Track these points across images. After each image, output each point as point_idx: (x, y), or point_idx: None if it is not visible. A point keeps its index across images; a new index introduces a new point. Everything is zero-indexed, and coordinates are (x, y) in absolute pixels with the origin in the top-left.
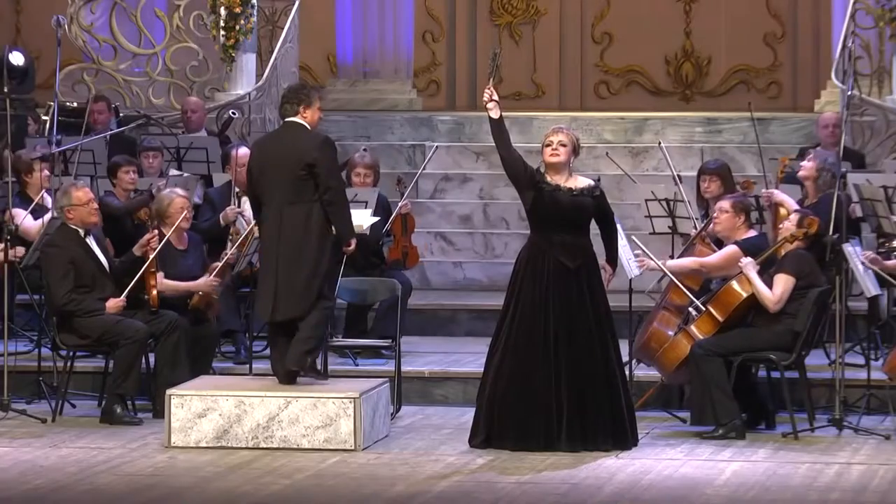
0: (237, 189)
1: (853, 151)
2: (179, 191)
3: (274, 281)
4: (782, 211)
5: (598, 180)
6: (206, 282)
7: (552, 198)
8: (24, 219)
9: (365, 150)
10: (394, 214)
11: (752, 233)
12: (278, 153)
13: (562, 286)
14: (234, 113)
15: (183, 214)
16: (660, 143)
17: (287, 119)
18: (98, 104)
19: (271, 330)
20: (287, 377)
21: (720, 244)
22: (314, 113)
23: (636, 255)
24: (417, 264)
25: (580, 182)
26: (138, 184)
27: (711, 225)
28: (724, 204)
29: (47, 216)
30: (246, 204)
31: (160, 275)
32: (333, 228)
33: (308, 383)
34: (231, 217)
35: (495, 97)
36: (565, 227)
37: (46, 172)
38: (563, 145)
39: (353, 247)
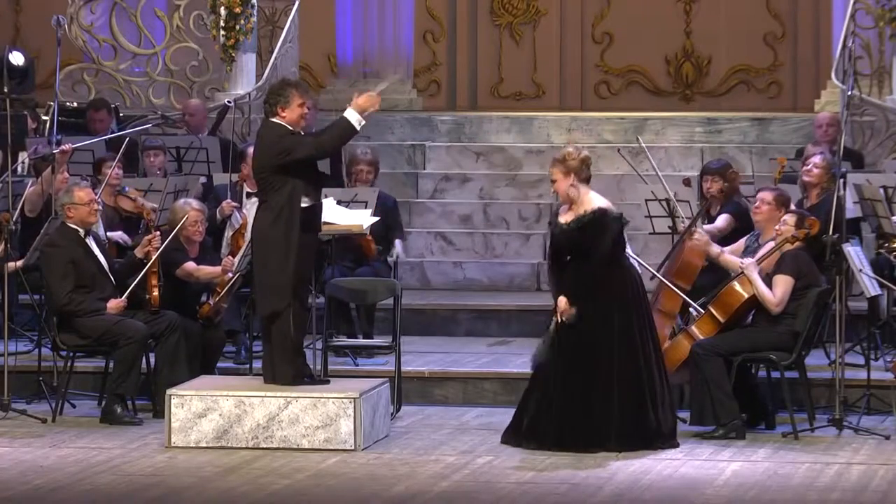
0: (247, 189)
1: (852, 151)
2: (194, 203)
3: (256, 280)
4: None
5: (595, 212)
6: (224, 268)
7: (550, 234)
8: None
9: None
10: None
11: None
12: (256, 154)
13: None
14: (228, 102)
15: (196, 228)
16: (637, 138)
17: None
18: (99, 112)
19: (261, 328)
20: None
21: (711, 221)
22: (293, 111)
23: None
24: (370, 257)
25: (577, 212)
26: (122, 180)
27: (752, 214)
28: (767, 195)
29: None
30: (250, 202)
31: (191, 263)
32: (304, 220)
33: (308, 384)
34: (227, 211)
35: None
36: (560, 258)
37: (65, 175)
38: (553, 181)
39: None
